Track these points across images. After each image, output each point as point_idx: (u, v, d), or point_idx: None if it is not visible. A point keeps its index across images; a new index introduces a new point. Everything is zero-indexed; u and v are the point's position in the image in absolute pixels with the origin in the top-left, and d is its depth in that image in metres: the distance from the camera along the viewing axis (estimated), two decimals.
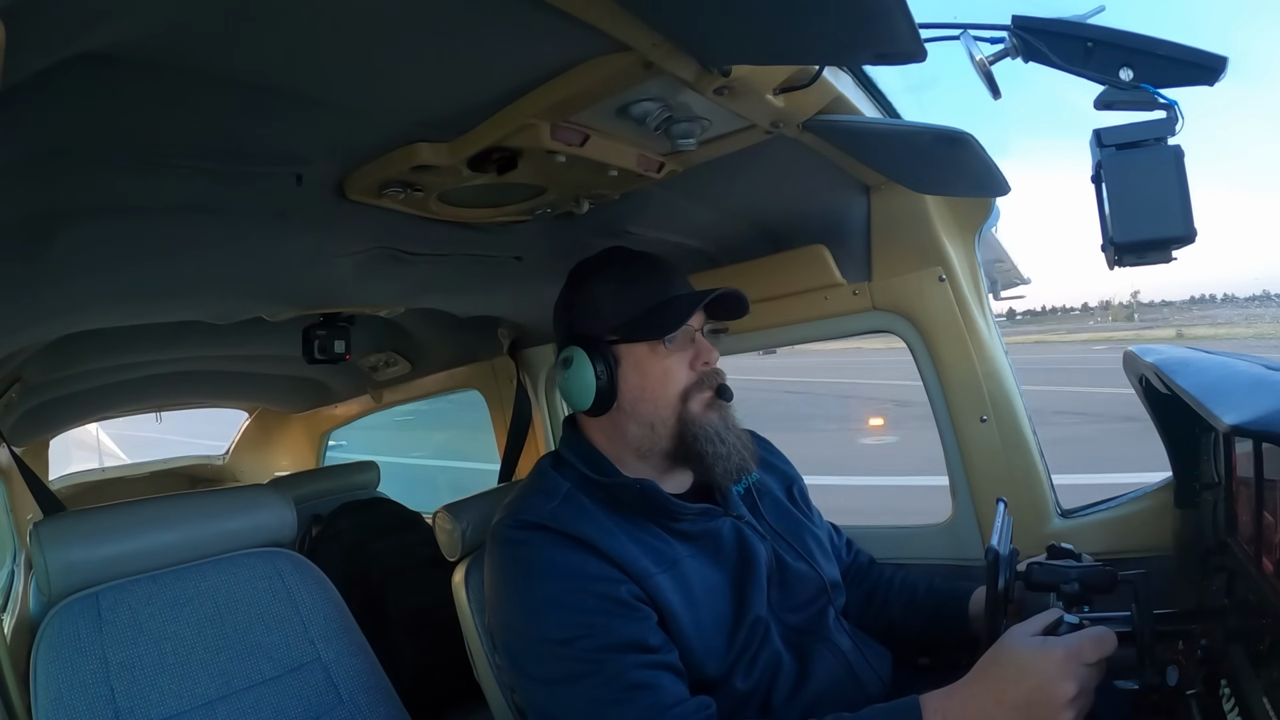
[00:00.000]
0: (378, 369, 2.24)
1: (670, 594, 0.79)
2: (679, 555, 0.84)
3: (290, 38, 0.55)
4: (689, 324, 0.87)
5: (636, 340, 0.86)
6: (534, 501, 0.85)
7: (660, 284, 0.89)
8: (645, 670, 0.73)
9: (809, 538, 0.97)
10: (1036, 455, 1.12)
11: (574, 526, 0.80)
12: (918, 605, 1.01)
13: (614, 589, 0.76)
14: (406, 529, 1.97)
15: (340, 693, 1.03)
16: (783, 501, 1.01)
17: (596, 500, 0.85)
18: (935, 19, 0.68)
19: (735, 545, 0.88)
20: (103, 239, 0.89)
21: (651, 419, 0.87)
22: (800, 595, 0.91)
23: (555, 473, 0.89)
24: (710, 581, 0.84)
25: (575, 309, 0.92)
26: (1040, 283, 32.18)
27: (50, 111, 0.58)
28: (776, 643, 0.85)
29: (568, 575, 0.77)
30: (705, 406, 0.87)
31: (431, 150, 0.79)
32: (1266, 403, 0.53)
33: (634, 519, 0.84)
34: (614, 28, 0.58)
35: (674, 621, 0.78)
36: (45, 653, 0.88)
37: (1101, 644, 0.62)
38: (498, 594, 0.83)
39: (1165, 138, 0.64)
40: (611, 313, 0.88)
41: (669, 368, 0.86)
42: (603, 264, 0.93)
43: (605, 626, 0.74)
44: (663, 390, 0.86)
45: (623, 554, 0.79)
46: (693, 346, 0.88)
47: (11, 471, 1.72)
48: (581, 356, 0.87)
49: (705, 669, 0.79)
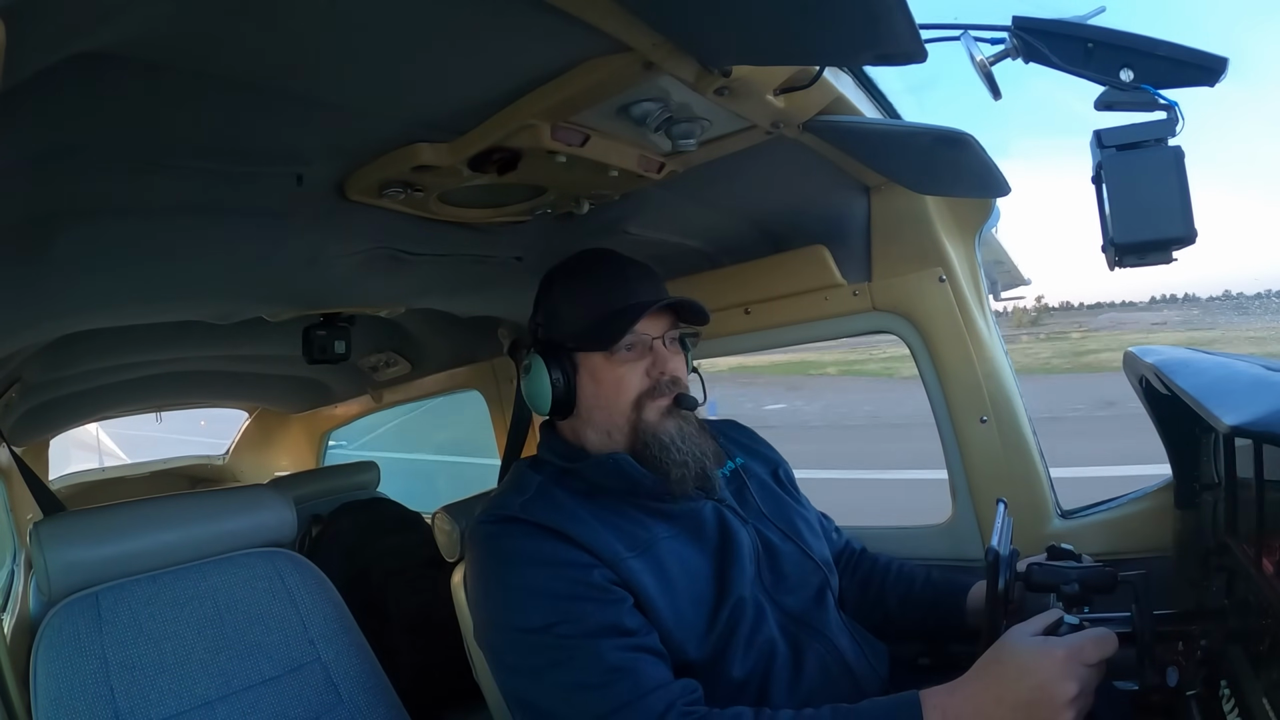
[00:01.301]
0: (378, 369, 2.24)
1: (643, 576, 0.79)
2: (656, 536, 0.84)
3: (290, 38, 0.55)
4: (647, 332, 0.87)
5: (589, 349, 0.88)
6: (506, 498, 0.87)
7: (619, 291, 0.89)
8: (624, 653, 0.74)
9: (797, 519, 0.97)
10: (1036, 455, 1.12)
11: (543, 516, 0.81)
12: (915, 597, 1.01)
13: (586, 574, 0.77)
14: (406, 529, 1.97)
15: (340, 693, 1.03)
16: (769, 484, 1.02)
17: (571, 490, 0.86)
18: (936, 19, 0.68)
19: (716, 528, 0.89)
20: (103, 239, 0.90)
21: (607, 426, 0.88)
22: (793, 576, 0.91)
23: (530, 471, 0.91)
24: (689, 563, 0.84)
25: (541, 313, 0.94)
26: (1040, 283, 32.10)
27: (50, 111, 0.58)
28: (772, 628, 0.84)
29: (540, 563, 0.78)
30: (661, 414, 0.86)
31: (432, 150, 0.80)
32: (1266, 403, 0.53)
33: (610, 505, 0.85)
34: (614, 28, 0.58)
35: (649, 604, 0.78)
36: (45, 652, 0.88)
37: (1102, 645, 0.63)
38: (475, 591, 0.84)
39: (1166, 138, 0.64)
40: (570, 319, 0.90)
41: (622, 375, 0.87)
42: (569, 270, 0.94)
43: (580, 612, 0.75)
44: (616, 398, 0.87)
45: (593, 540, 0.80)
46: (650, 354, 0.88)
47: (11, 471, 1.72)
48: (539, 363, 0.89)
49: (686, 651, 0.79)
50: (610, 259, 0.94)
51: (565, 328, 0.90)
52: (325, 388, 2.60)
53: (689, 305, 0.89)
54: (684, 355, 0.94)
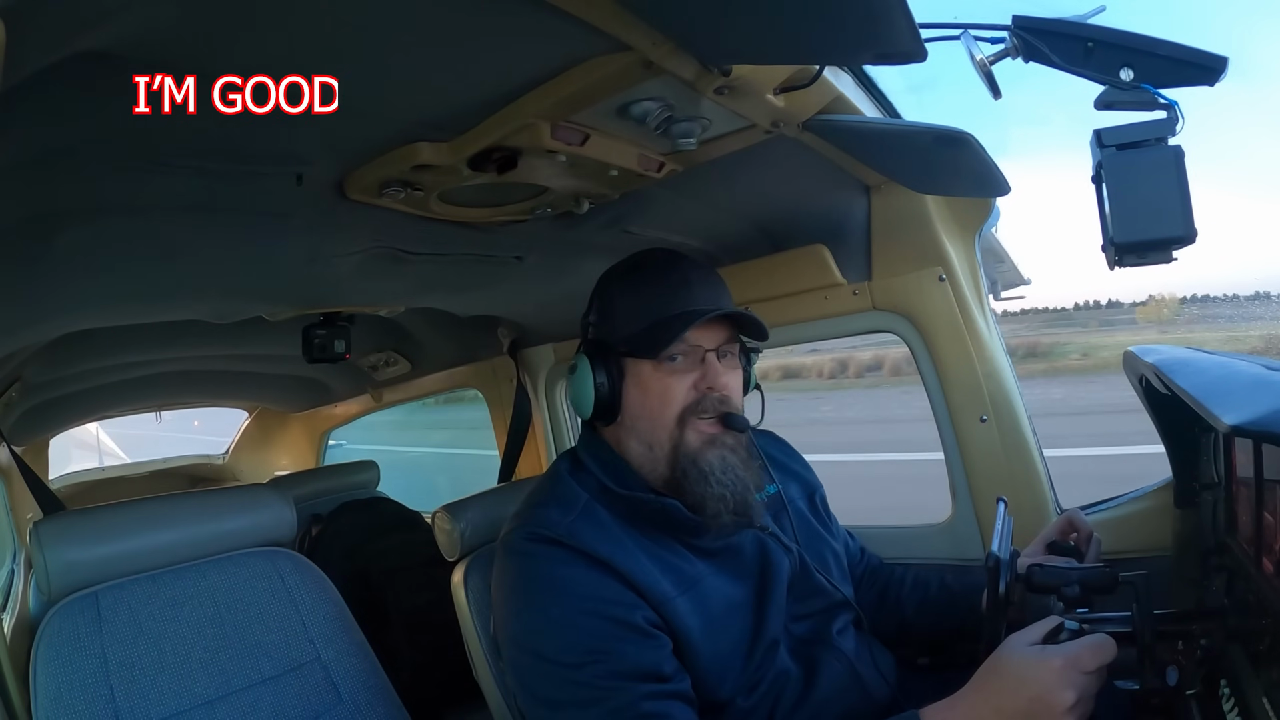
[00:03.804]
0: (378, 368, 2.24)
1: (689, 618, 0.76)
2: (700, 573, 0.81)
3: (291, 38, 0.55)
4: (699, 344, 0.82)
5: (638, 356, 0.83)
6: (549, 513, 0.81)
7: (674, 296, 0.83)
8: (656, 701, 0.71)
9: (828, 553, 0.95)
10: (1036, 455, 1.12)
11: (591, 544, 0.76)
12: (930, 602, 1.01)
13: (630, 614, 0.73)
14: (406, 528, 1.97)
15: (340, 692, 1.03)
16: (804, 513, 0.98)
17: (615, 512, 0.81)
18: (935, 19, 0.68)
19: (757, 558, 0.86)
20: (103, 239, 0.89)
21: (649, 439, 0.83)
22: (811, 606, 0.89)
23: (572, 479, 0.85)
24: (731, 599, 0.81)
25: (594, 313, 0.89)
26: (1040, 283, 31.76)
27: (51, 111, 0.58)
28: (784, 659, 0.83)
29: (582, 596, 0.74)
30: (704, 442, 0.81)
31: (432, 150, 0.79)
32: (1266, 403, 0.53)
33: (653, 535, 0.81)
34: (614, 27, 0.58)
35: (690, 647, 0.76)
36: (45, 652, 0.88)
37: (1100, 651, 0.62)
38: (507, 608, 0.80)
39: (1166, 138, 0.64)
40: (621, 321, 0.85)
41: (669, 386, 0.82)
42: (627, 269, 0.89)
43: (619, 652, 0.72)
44: (660, 410, 0.82)
45: (642, 576, 0.76)
46: (701, 367, 0.82)
47: (11, 471, 1.72)
48: (585, 364, 0.84)
49: (720, 691, 0.77)
50: (672, 260, 0.88)
51: (616, 330, 0.85)
52: (325, 387, 2.60)
53: (748, 318, 0.83)
54: (742, 371, 0.89)
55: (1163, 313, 9.09)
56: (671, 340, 0.80)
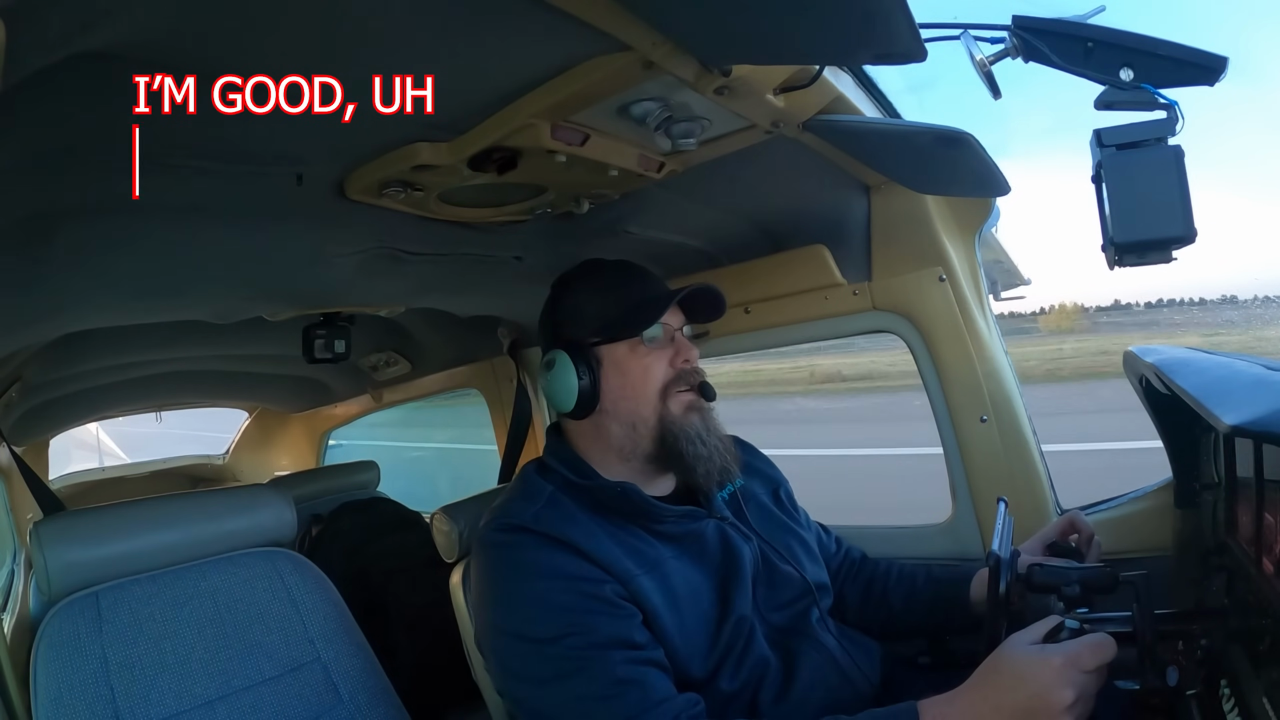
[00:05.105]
0: (378, 369, 2.24)
1: (653, 595, 0.80)
2: (662, 556, 0.84)
3: (290, 38, 0.55)
4: (668, 323, 0.89)
5: (617, 339, 0.88)
6: (517, 505, 0.86)
7: (638, 286, 0.92)
8: (632, 666, 0.74)
9: (794, 541, 0.97)
10: (1036, 455, 1.12)
11: (557, 528, 0.81)
12: (917, 594, 1.02)
13: (598, 588, 0.77)
14: (406, 529, 1.97)
15: (340, 692, 1.03)
16: (768, 505, 1.01)
17: (580, 503, 0.86)
18: (935, 19, 0.68)
19: (719, 546, 0.89)
20: (103, 239, 0.89)
21: (633, 418, 0.88)
22: (785, 595, 0.91)
23: (538, 477, 0.90)
24: (693, 582, 0.85)
25: (558, 315, 0.94)
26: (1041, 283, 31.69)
27: (50, 111, 0.58)
28: (762, 645, 0.85)
29: (552, 575, 0.78)
30: (686, 408, 0.88)
31: (432, 150, 0.80)
32: (1266, 403, 0.53)
33: (616, 521, 0.85)
34: (614, 27, 0.58)
35: (657, 622, 0.79)
36: (45, 652, 0.88)
37: (1100, 650, 0.63)
38: (483, 598, 0.84)
39: (1165, 138, 0.64)
40: (593, 315, 0.90)
41: (648, 365, 0.88)
42: (584, 272, 0.96)
43: (591, 624, 0.75)
44: (643, 387, 0.88)
45: (605, 555, 0.80)
46: (672, 345, 0.90)
47: (11, 471, 1.72)
48: (564, 359, 0.88)
49: (690, 669, 0.79)
50: (621, 261, 0.97)
51: (589, 323, 0.90)
52: (325, 387, 2.60)
53: (708, 293, 0.90)
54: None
55: (1063, 323, 9.21)
56: (657, 316, 0.87)
